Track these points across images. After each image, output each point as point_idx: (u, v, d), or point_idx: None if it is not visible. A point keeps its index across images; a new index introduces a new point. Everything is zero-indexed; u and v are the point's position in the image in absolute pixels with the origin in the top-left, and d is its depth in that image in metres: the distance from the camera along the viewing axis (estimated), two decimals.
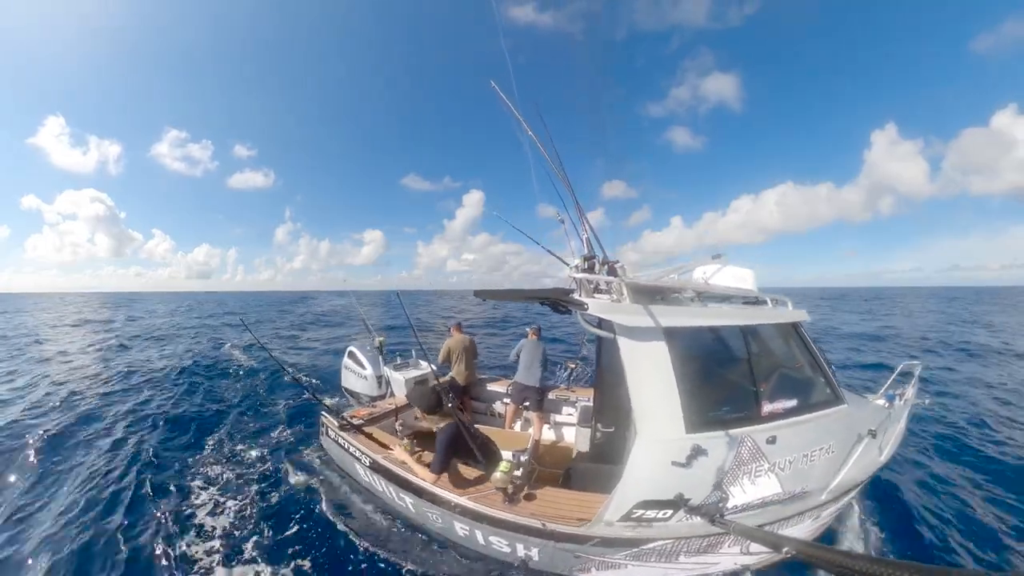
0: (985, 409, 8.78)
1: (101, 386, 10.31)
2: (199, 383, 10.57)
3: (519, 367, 6.33)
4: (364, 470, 4.83)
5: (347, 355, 7.71)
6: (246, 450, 6.45)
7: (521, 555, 3.78)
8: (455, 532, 4.07)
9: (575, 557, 3.64)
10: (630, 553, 3.55)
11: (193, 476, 5.63)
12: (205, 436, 6.99)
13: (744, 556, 3.76)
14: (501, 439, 4.69)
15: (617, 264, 4.00)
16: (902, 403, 4.86)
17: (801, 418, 3.75)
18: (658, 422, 3.43)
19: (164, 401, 9.00)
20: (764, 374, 3.86)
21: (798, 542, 2.11)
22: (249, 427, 7.48)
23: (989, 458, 6.53)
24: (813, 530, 4.15)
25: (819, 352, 4.16)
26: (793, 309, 4.14)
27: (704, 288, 3.95)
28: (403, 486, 4.33)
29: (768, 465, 3.52)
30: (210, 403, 8.96)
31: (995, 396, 9.84)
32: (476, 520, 3.85)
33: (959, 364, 13.43)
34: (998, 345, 16.91)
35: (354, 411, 6.01)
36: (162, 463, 5.99)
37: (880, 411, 4.47)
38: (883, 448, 4.24)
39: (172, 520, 4.65)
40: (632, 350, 3.47)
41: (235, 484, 5.42)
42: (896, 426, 4.55)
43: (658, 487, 3.40)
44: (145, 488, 5.27)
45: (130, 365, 12.91)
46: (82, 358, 14.48)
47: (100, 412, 8.24)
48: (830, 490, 3.77)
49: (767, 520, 3.56)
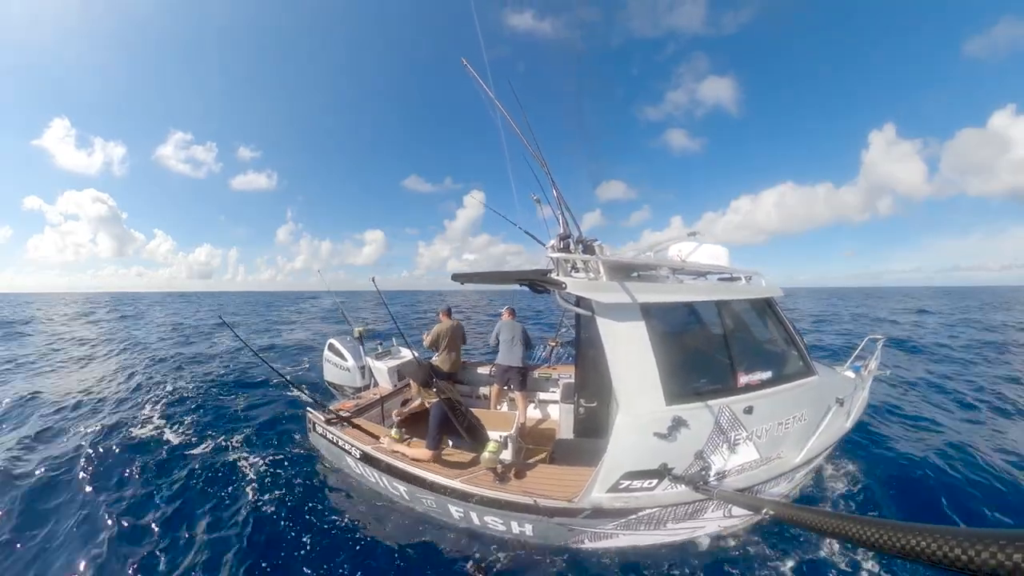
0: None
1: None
2: (181, 385, 10.31)
3: (500, 349, 6.38)
4: (355, 462, 4.82)
5: (327, 348, 7.61)
6: (231, 451, 6.34)
7: (516, 532, 3.88)
8: (450, 515, 4.13)
9: (568, 530, 3.76)
10: (619, 523, 3.68)
11: (175, 480, 5.51)
12: (187, 438, 6.85)
13: (727, 519, 3.95)
14: (487, 420, 4.76)
15: (594, 242, 4.04)
16: (866, 374, 5.12)
17: (776, 389, 3.90)
18: (639, 396, 3.53)
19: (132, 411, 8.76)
20: (739, 347, 3.99)
21: (776, 504, 2.22)
22: (232, 427, 7.34)
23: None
24: (788, 491, 4.36)
25: (792, 326, 4.32)
26: (767, 285, 4.27)
27: (679, 265, 4.05)
28: (395, 474, 4.35)
29: (746, 433, 3.68)
30: (191, 404, 8.76)
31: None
32: (469, 501, 3.91)
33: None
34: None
35: (339, 404, 5.97)
36: (130, 463, 5.87)
37: (847, 381, 4.72)
38: (850, 414, 4.49)
39: (157, 527, 4.58)
40: (610, 327, 3.55)
41: (223, 487, 5.33)
42: (861, 394, 4.81)
43: (642, 458, 3.52)
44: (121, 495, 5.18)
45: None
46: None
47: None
48: (803, 455, 3.96)
49: (747, 484, 3.73)
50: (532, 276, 3.92)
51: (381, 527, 4.47)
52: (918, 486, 5.10)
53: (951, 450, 5.88)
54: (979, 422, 7.21)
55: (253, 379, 10.57)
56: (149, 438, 6.74)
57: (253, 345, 13.31)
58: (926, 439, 6.39)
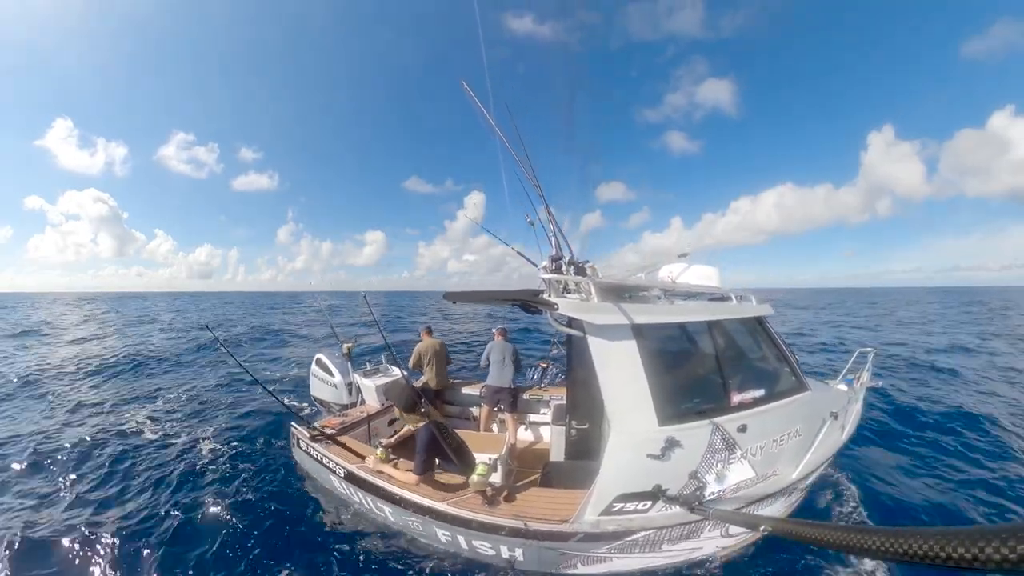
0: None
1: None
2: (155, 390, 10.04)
3: (490, 369, 6.32)
4: (339, 481, 4.70)
5: (315, 363, 7.47)
6: (212, 463, 6.15)
7: (506, 557, 3.77)
8: (437, 539, 4.02)
9: (560, 555, 3.67)
10: (614, 546, 3.60)
11: (157, 494, 5.34)
12: (166, 450, 6.63)
13: (724, 538, 3.90)
14: (477, 442, 4.66)
15: (586, 264, 4.06)
16: (859, 386, 5.15)
17: (769, 406, 3.89)
18: (631, 417, 3.50)
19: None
20: (731, 366, 3.99)
21: (774, 520, 2.19)
22: (214, 439, 7.12)
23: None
24: (787, 507, 4.34)
25: (783, 342, 4.34)
26: (757, 304, 4.30)
27: (670, 286, 4.06)
28: (380, 496, 4.24)
29: (741, 452, 3.65)
30: (170, 413, 8.53)
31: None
32: (457, 525, 3.81)
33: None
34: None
35: (325, 420, 5.84)
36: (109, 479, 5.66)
37: (841, 395, 4.73)
38: (845, 427, 4.50)
39: (142, 538, 4.45)
40: (602, 348, 3.52)
41: (203, 502, 5.16)
42: (855, 407, 4.84)
43: (635, 480, 3.47)
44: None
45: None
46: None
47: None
48: (800, 469, 3.95)
49: (743, 503, 3.69)
50: (524, 297, 3.92)
51: (363, 550, 4.34)
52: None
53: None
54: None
55: (236, 388, 10.41)
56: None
57: (238, 355, 13.09)
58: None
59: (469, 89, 4.14)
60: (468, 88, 4.15)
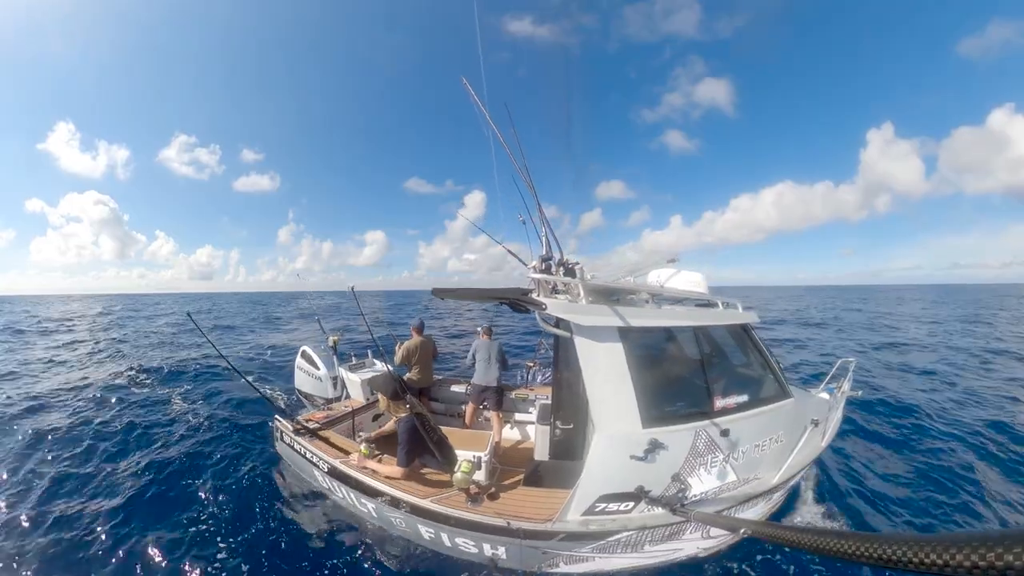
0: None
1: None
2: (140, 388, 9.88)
3: (476, 368, 6.31)
4: (322, 475, 4.66)
5: (300, 355, 7.39)
6: (193, 457, 6.07)
7: (489, 554, 3.78)
8: (420, 535, 4.02)
9: (543, 553, 3.68)
10: (596, 546, 3.63)
11: (141, 488, 5.26)
12: (147, 447, 6.51)
13: (705, 540, 3.94)
14: (462, 439, 4.65)
15: (576, 265, 4.07)
16: (840, 395, 5.24)
17: (752, 412, 3.93)
18: (616, 418, 3.52)
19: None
20: (716, 371, 4.03)
21: (754, 523, 2.22)
22: (194, 433, 7.03)
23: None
24: (766, 511, 4.40)
25: (767, 350, 4.40)
26: (743, 311, 4.36)
27: (659, 291, 4.09)
28: (364, 491, 4.22)
29: (723, 456, 3.69)
30: (150, 409, 8.37)
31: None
32: (440, 522, 3.81)
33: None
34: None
35: (309, 414, 5.79)
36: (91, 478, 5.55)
37: (822, 403, 4.83)
38: (825, 434, 4.58)
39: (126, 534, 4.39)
40: (589, 349, 3.54)
41: (184, 495, 5.09)
42: (835, 415, 4.92)
43: (618, 481, 3.49)
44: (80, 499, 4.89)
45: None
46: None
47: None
48: (780, 474, 4.00)
49: (725, 506, 3.73)
50: (512, 295, 3.92)
51: (345, 546, 4.33)
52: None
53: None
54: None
55: (216, 380, 10.29)
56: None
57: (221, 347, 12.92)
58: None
59: (469, 85, 4.13)
60: (468, 84, 4.14)
